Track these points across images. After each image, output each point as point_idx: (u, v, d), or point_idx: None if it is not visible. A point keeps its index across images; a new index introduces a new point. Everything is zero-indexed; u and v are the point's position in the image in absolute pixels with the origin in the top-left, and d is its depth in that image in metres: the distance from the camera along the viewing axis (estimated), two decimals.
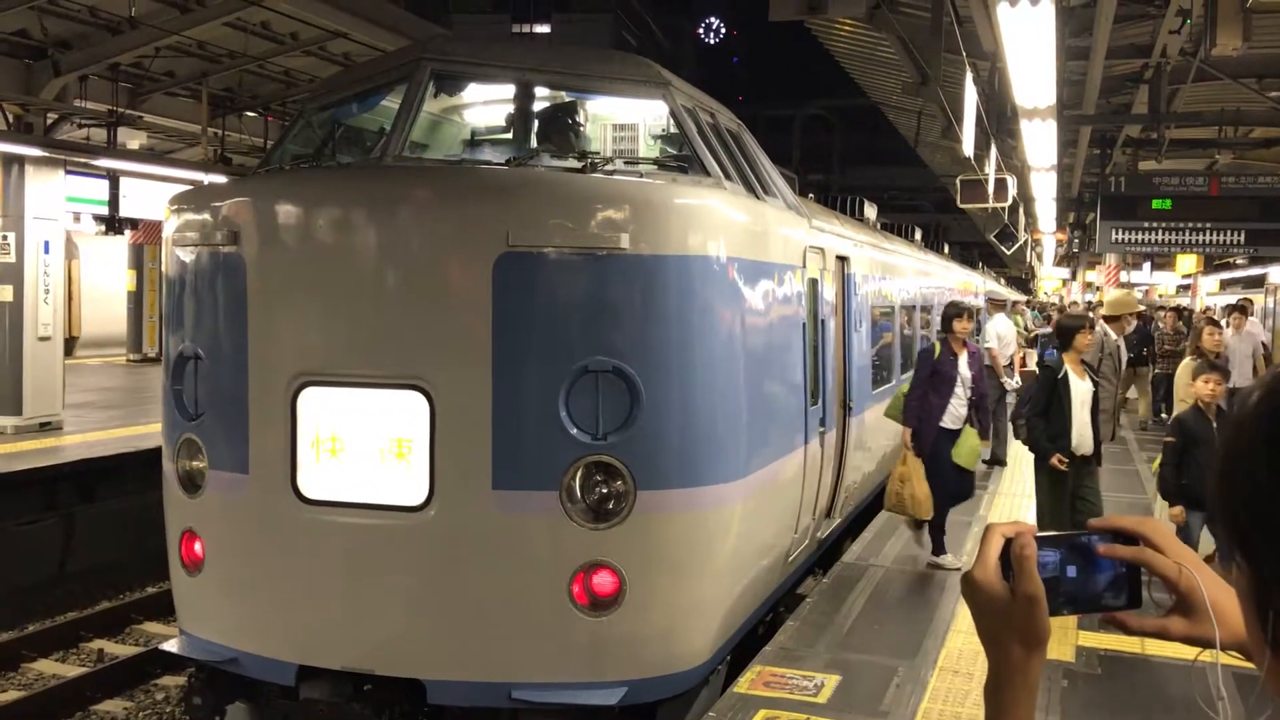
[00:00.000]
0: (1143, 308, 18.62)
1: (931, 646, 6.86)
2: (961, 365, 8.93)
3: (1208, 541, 7.50)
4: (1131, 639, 7.08)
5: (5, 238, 13.86)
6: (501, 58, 6.95)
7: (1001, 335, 14.45)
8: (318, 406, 5.68)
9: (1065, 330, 8.15)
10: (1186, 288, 37.87)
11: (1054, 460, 7.69)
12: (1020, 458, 14.40)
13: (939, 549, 8.95)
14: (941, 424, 8.82)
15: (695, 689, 6.05)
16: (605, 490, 5.46)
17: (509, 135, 6.98)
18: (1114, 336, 10.44)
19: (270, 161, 6.87)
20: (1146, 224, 15.80)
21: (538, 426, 5.43)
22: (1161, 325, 18.74)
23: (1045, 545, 1.31)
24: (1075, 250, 30.50)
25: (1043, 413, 7.86)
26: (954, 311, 9.23)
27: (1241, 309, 16.32)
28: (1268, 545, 1.02)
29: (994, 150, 14.81)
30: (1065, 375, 7.85)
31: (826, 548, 9.29)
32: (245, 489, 5.84)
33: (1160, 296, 38.97)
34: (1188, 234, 15.81)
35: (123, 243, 23.72)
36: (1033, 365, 15.37)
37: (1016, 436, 8.27)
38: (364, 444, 5.63)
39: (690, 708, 6.11)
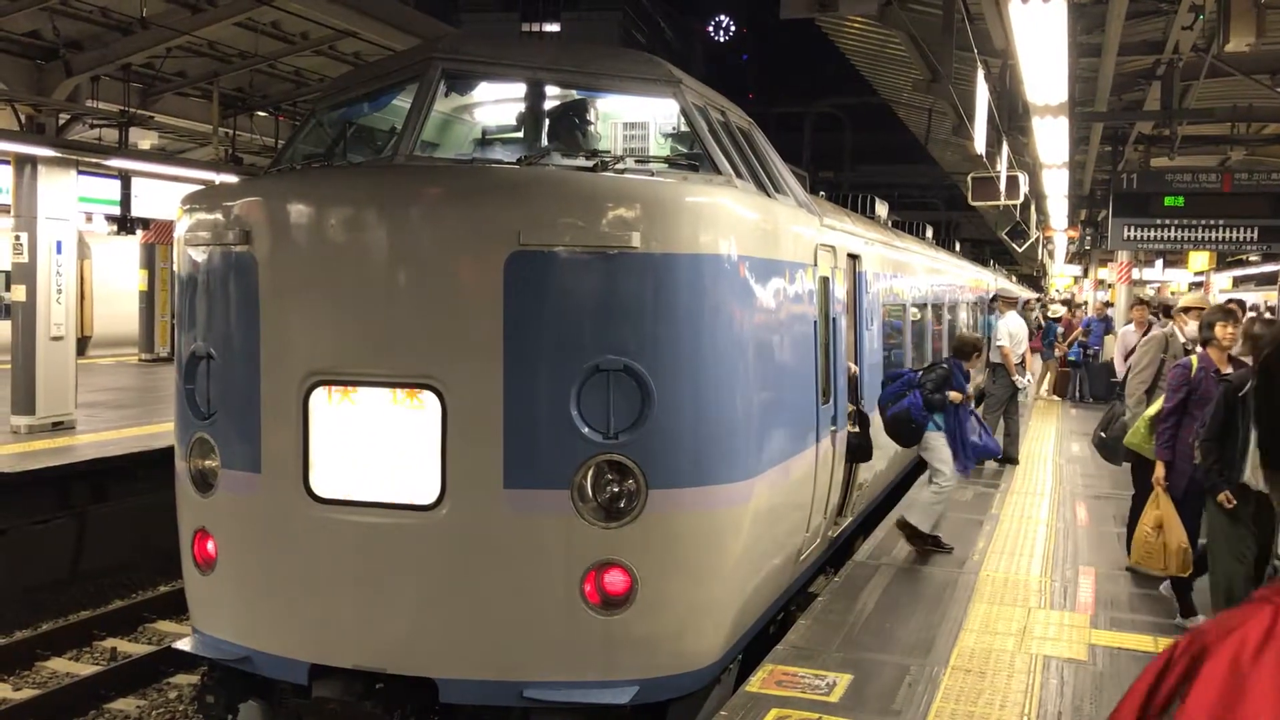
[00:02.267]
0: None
1: (944, 645, 6.84)
2: None
3: None
4: (1145, 638, 7.05)
5: (18, 238, 13.91)
6: (512, 56, 6.94)
7: (1014, 333, 14.40)
8: (329, 405, 5.69)
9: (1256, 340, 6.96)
10: (1199, 285, 37.72)
11: (1221, 497, 6.57)
12: (1032, 456, 14.39)
13: (1189, 610, 7.43)
14: None
15: (707, 688, 6.05)
16: (617, 489, 5.46)
17: (520, 134, 6.97)
18: (1181, 339, 9.54)
19: (282, 161, 6.87)
20: (1159, 221, 15.72)
21: (549, 425, 5.43)
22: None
23: None
24: (1087, 248, 30.42)
25: (1217, 436, 6.59)
26: (1216, 316, 7.66)
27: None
28: None
29: (1005, 147, 14.78)
30: (1249, 393, 6.43)
31: (838, 546, 9.28)
32: (257, 488, 5.85)
33: (1173, 294, 38.84)
34: (1200, 231, 15.73)
35: (134, 242, 23.83)
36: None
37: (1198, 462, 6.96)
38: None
39: (702, 707, 6.10)
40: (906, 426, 8.98)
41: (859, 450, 8.85)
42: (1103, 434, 9.42)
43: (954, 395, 9.05)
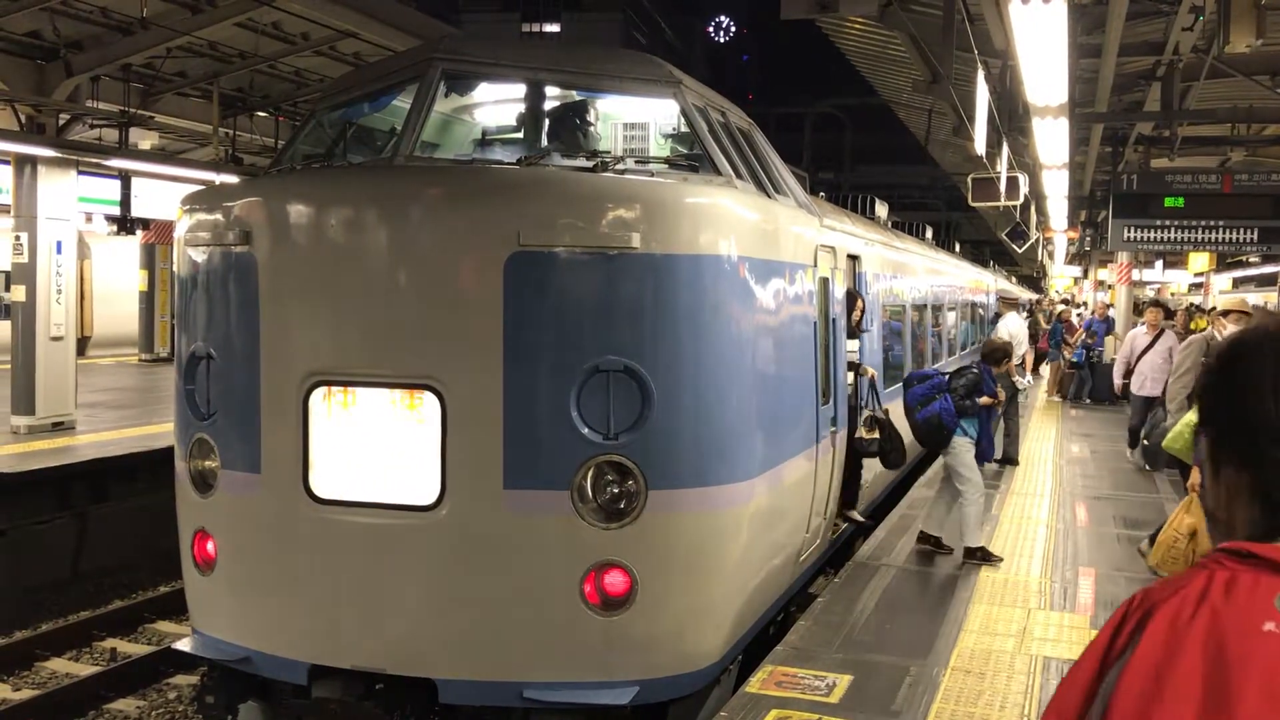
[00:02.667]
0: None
1: (944, 646, 6.84)
2: None
3: None
4: None
5: (18, 238, 13.91)
6: (512, 57, 6.94)
7: (1014, 334, 14.41)
8: (329, 405, 5.69)
9: None
10: (1199, 286, 37.74)
11: None
12: (1032, 457, 14.38)
13: None
14: None
15: (707, 689, 6.04)
16: (617, 490, 5.46)
17: (520, 134, 6.97)
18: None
19: (282, 161, 6.87)
20: (1159, 222, 15.72)
21: (549, 426, 5.43)
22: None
23: None
24: (1087, 248, 30.43)
25: None
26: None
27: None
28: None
29: (1005, 148, 14.77)
30: None
31: (838, 547, 9.28)
32: (257, 488, 5.85)
33: (1172, 295, 38.85)
34: (1200, 232, 15.72)
35: (134, 243, 23.83)
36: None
37: None
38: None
39: (702, 707, 6.10)
40: (938, 432, 8.80)
41: (889, 455, 8.74)
42: (1145, 441, 9.28)
43: (985, 400, 8.94)
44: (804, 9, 8.30)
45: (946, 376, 9.16)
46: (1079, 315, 26.96)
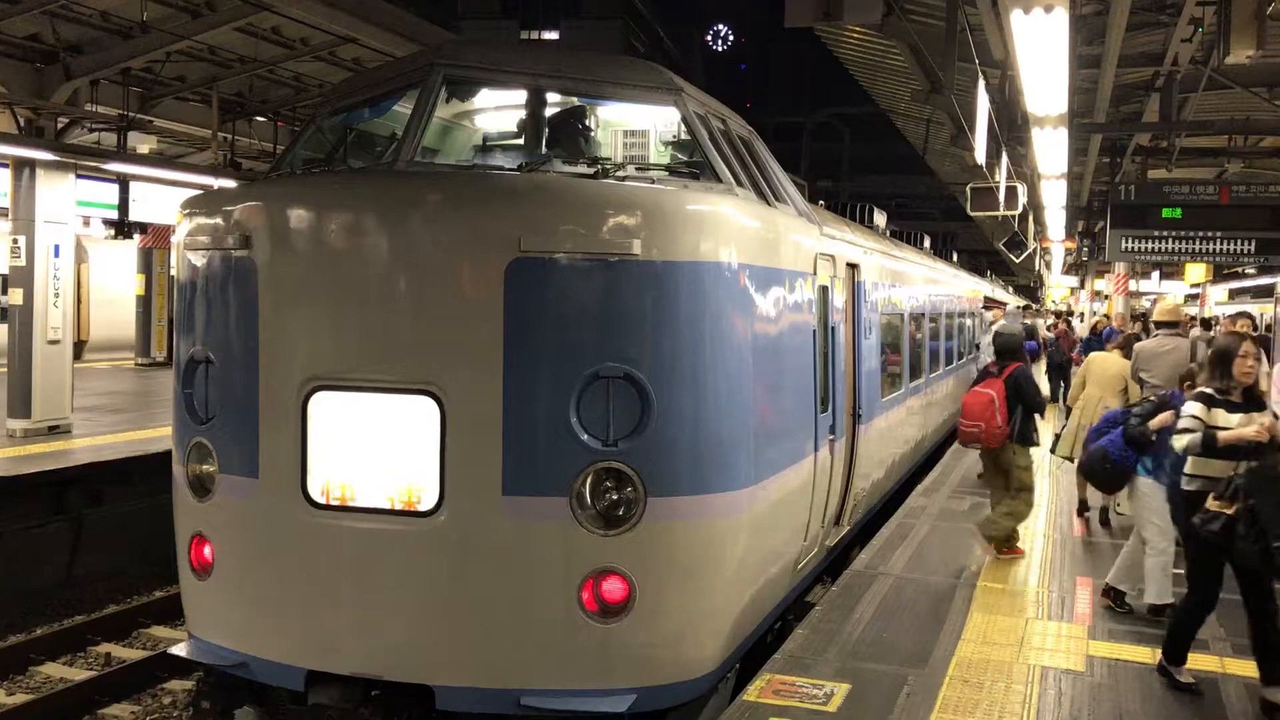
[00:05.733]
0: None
1: (941, 655, 6.83)
2: None
3: None
4: (1142, 649, 7.04)
5: (16, 241, 13.91)
6: (514, 63, 6.94)
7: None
8: (328, 411, 5.67)
9: None
10: (1195, 297, 37.80)
11: None
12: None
13: None
14: None
15: (704, 697, 6.03)
16: (615, 497, 5.45)
17: (521, 141, 6.96)
18: None
19: (282, 166, 6.87)
20: (1156, 233, 15.75)
21: (549, 432, 5.41)
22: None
23: None
24: (1084, 259, 30.49)
25: None
26: None
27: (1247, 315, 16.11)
28: None
29: (1005, 158, 14.80)
30: None
31: (835, 555, 9.27)
32: (255, 493, 5.84)
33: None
34: (1197, 243, 15.76)
35: (132, 247, 23.82)
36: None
37: None
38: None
39: (699, 715, 6.08)
40: (1100, 467, 7.62)
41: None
42: None
43: (1163, 416, 7.17)
44: (808, 16, 8.30)
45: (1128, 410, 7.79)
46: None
